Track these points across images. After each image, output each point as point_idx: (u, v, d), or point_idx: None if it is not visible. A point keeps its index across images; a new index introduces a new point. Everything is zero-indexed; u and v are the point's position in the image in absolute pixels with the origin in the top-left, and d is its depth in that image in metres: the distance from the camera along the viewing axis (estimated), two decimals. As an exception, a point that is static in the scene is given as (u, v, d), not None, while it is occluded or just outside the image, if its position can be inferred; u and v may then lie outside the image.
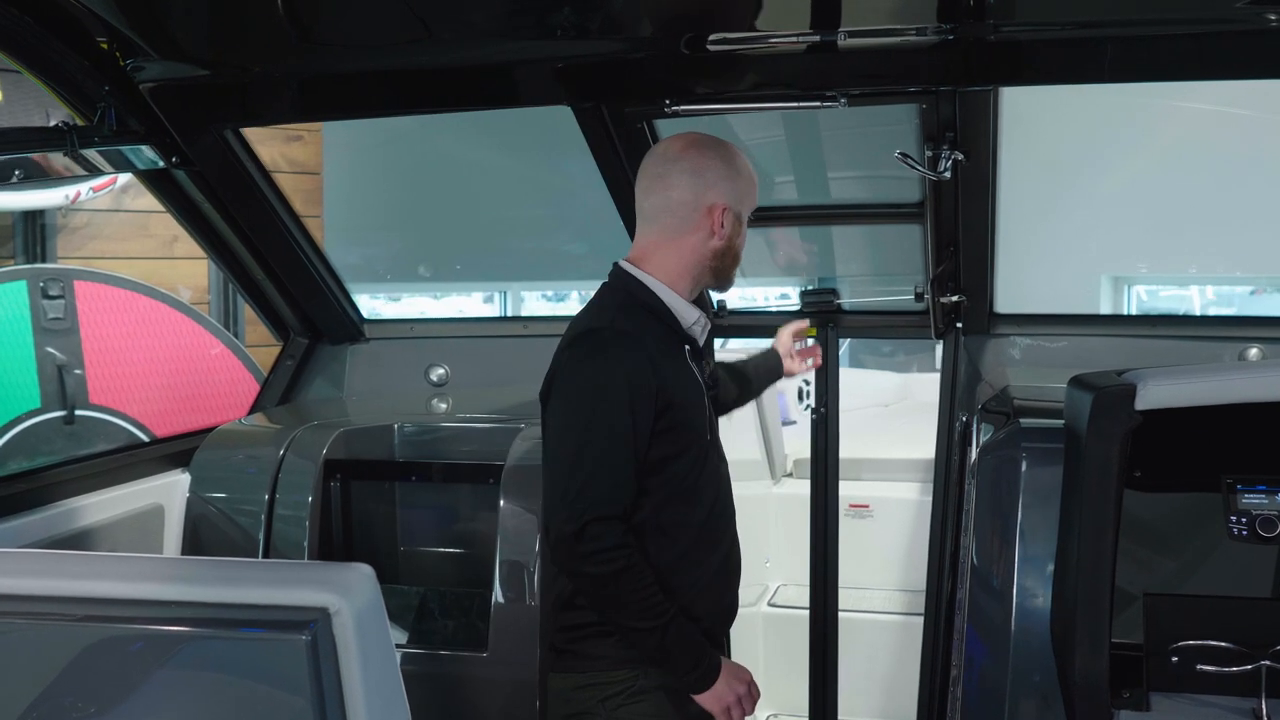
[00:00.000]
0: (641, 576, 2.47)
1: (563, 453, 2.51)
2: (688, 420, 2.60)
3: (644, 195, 2.72)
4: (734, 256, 2.73)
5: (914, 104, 3.25)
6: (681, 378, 2.63)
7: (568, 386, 2.56)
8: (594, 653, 2.60)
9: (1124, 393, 2.28)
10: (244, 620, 1.57)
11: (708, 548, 2.66)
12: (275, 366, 4.26)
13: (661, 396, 2.52)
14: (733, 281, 2.79)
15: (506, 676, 3.22)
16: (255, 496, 3.48)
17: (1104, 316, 4.68)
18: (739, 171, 2.69)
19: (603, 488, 2.45)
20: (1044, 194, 7.19)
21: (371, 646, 1.64)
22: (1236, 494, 2.37)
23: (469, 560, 3.58)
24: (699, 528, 2.64)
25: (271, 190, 3.64)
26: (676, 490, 2.59)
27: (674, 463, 2.57)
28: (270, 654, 1.58)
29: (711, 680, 2.56)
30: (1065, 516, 2.51)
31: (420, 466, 3.63)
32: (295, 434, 3.59)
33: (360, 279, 5.40)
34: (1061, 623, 2.45)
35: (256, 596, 1.58)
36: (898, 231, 3.99)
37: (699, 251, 2.66)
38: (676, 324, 2.67)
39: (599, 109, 3.34)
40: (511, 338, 4.32)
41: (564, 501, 2.46)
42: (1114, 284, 9.10)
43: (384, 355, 4.29)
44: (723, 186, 2.66)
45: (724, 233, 2.66)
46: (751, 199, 2.74)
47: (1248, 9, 2.68)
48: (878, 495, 5.17)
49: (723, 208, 2.65)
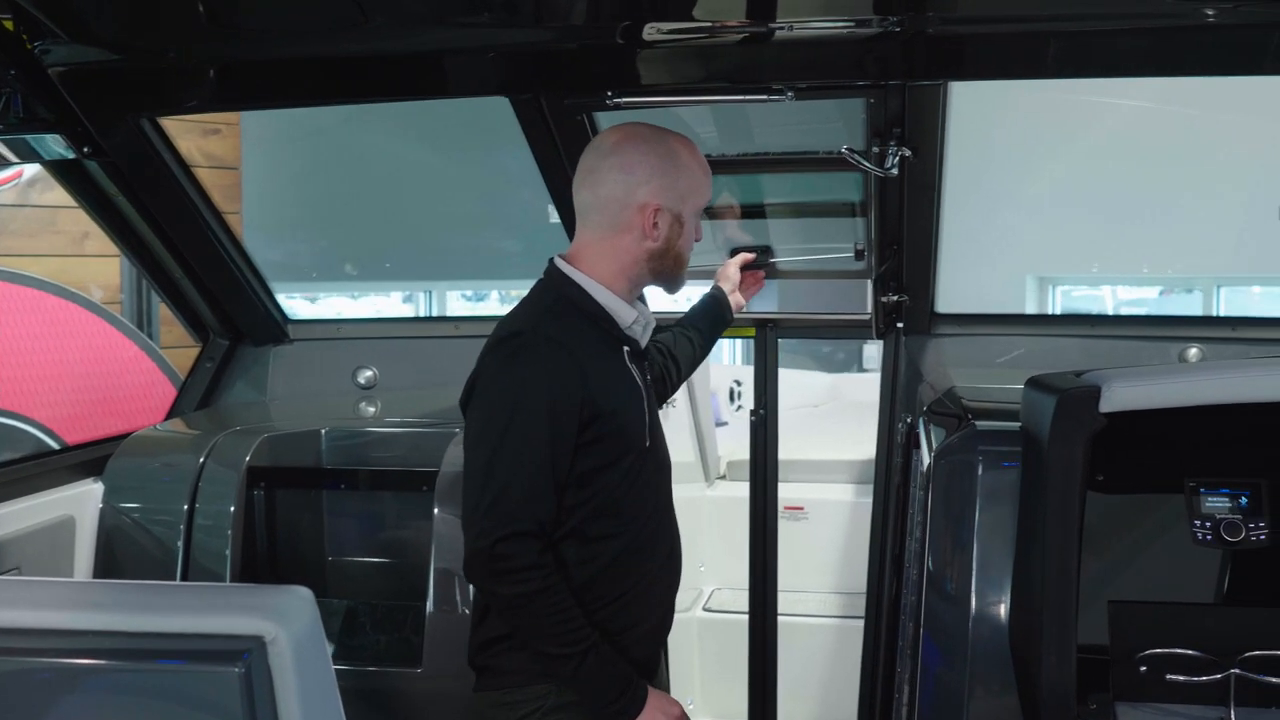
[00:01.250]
0: (558, 599, 2.31)
1: (477, 463, 2.35)
2: (620, 429, 2.45)
3: (577, 190, 2.57)
4: (675, 258, 2.55)
5: (861, 99, 3.20)
6: (615, 383, 2.47)
7: (486, 393, 2.40)
8: (507, 667, 2.45)
9: (1088, 395, 2.21)
10: (170, 651, 1.43)
11: (640, 558, 2.51)
12: (194, 369, 4.07)
13: (588, 407, 2.36)
14: (681, 283, 2.63)
15: (442, 692, 3.08)
16: (174, 506, 3.30)
17: (1044, 317, 4.66)
18: (679, 167, 2.52)
19: (518, 502, 2.29)
20: (972, 192, 7.20)
21: (311, 677, 1.51)
22: (1200, 498, 2.31)
23: (401, 571, 3.44)
24: (630, 539, 2.48)
25: (190, 183, 3.47)
26: (606, 502, 2.44)
27: (604, 475, 2.42)
28: (200, 688, 1.44)
29: (635, 711, 2.40)
30: (1025, 521, 2.44)
31: (349, 474, 3.48)
32: (216, 440, 3.42)
33: (278, 278, 5.22)
34: (1022, 629, 2.38)
35: (184, 624, 1.44)
36: (829, 184, 3.93)
37: (633, 252, 2.51)
38: (613, 325, 2.52)
39: (538, 100, 3.22)
40: (442, 338, 4.18)
41: (476, 514, 2.31)
42: (1039, 284, 9.17)
43: (309, 357, 4.13)
44: (656, 184, 2.49)
45: (658, 234, 2.50)
46: (699, 196, 2.57)
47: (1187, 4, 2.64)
48: (812, 497, 5.13)
49: (655, 207, 2.48)
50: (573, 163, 3.43)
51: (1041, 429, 2.34)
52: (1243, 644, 2.18)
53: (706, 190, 2.59)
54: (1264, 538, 2.24)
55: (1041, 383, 2.52)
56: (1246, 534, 2.24)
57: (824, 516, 5.09)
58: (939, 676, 2.64)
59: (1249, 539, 2.24)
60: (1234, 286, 8.74)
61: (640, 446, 2.51)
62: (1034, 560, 2.30)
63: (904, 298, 3.90)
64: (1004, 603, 2.52)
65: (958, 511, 2.63)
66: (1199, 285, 8.72)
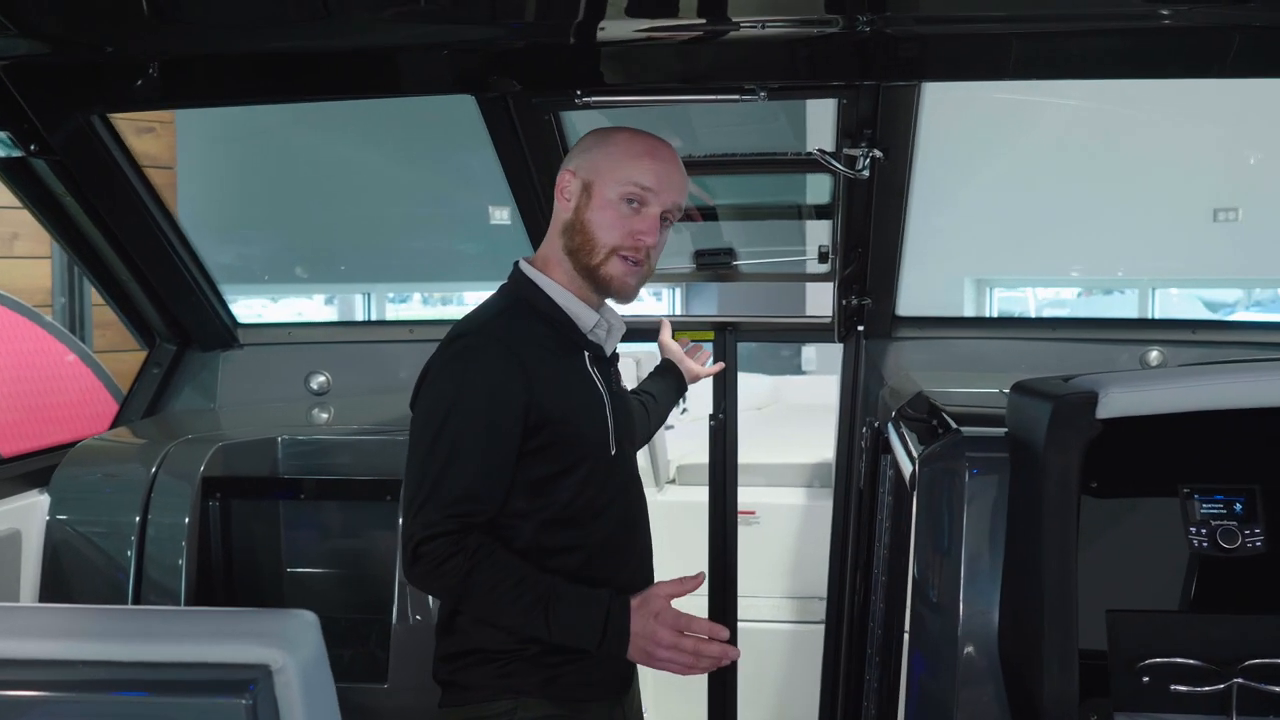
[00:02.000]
0: (493, 571, 2.22)
1: (412, 463, 2.31)
2: (574, 436, 2.36)
3: None
4: (586, 234, 2.39)
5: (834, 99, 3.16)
6: (570, 389, 2.38)
7: (427, 393, 2.34)
8: (471, 683, 2.39)
9: (1085, 401, 2.18)
10: (171, 682, 1.34)
11: (607, 572, 2.40)
12: (140, 375, 3.92)
13: (535, 411, 2.28)
14: (606, 275, 2.41)
15: (409, 708, 2.99)
16: (124, 519, 3.17)
17: (1005, 320, 4.67)
18: (605, 143, 2.43)
19: (439, 504, 2.23)
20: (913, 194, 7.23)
21: (318, 707, 1.42)
22: (1194, 504, 2.29)
23: (365, 583, 3.33)
24: (593, 552, 2.40)
25: (141, 183, 3.33)
26: (563, 514, 2.36)
27: (558, 483, 2.35)
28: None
29: (624, 641, 2.27)
30: (1017, 528, 2.40)
31: (309, 483, 3.36)
32: (168, 449, 3.29)
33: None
34: (1017, 637, 2.34)
35: (185, 653, 1.35)
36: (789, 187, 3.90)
37: (554, 232, 2.44)
38: (572, 329, 2.43)
39: (504, 100, 3.14)
40: (396, 343, 4.08)
41: (407, 516, 2.28)
42: (978, 286, 9.24)
43: (259, 362, 4.01)
44: (580, 158, 2.42)
45: (569, 203, 2.40)
46: (621, 172, 2.38)
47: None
48: (763, 501, 5.10)
49: (569, 173, 2.42)
50: (538, 162, 3.38)
51: (1034, 435, 2.30)
52: (1243, 652, 2.16)
53: (633, 171, 2.39)
54: (1260, 544, 2.23)
55: (1031, 388, 2.48)
56: (1243, 540, 2.22)
57: (776, 521, 5.06)
58: (924, 684, 2.59)
59: (1245, 545, 2.23)
60: (1168, 289, 8.86)
61: (603, 455, 2.42)
62: (1029, 568, 2.26)
63: (867, 301, 3.87)
64: (993, 610, 2.49)
65: (944, 518, 2.59)
66: (1136, 286, 8.83)
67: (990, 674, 2.48)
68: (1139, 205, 7.89)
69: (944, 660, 2.53)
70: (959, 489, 2.56)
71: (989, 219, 8.34)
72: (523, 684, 2.36)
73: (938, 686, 2.57)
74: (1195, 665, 2.16)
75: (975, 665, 2.50)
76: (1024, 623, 2.29)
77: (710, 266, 3.93)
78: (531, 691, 2.36)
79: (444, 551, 2.22)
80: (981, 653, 2.50)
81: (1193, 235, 8.18)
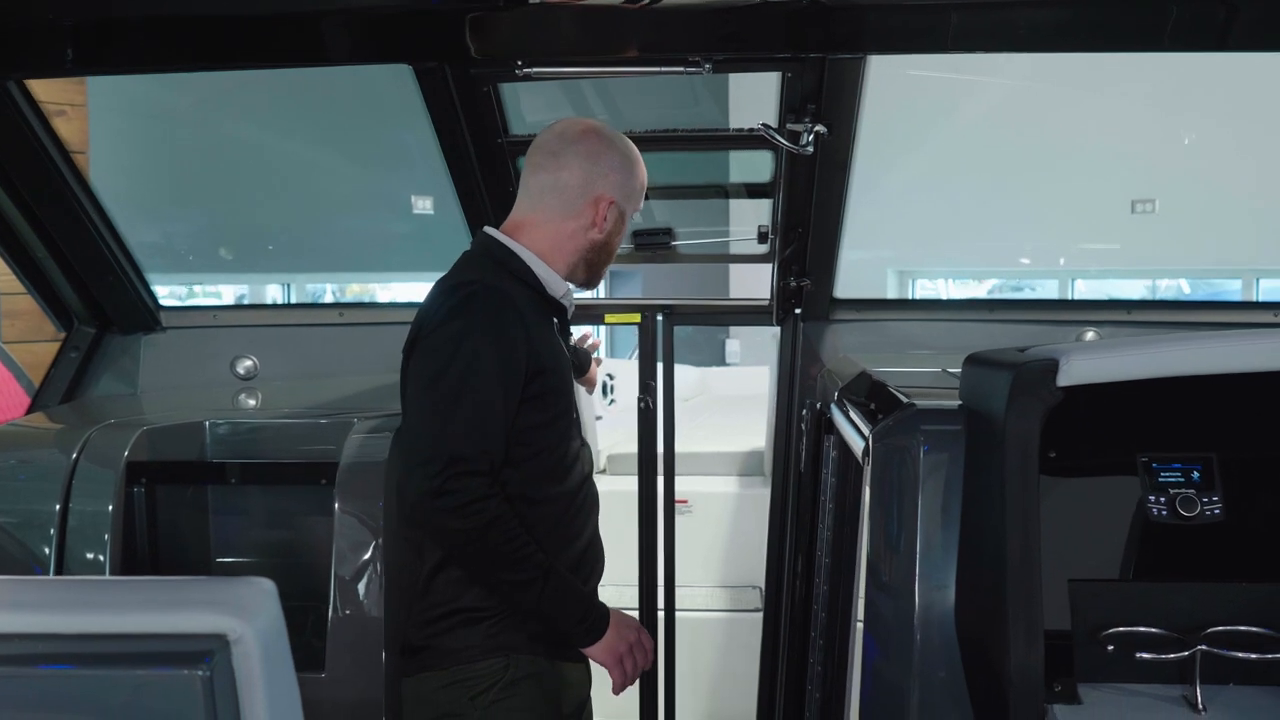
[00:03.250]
0: (511, 527, 2.34)
1: (427, 406, 2.37)
2: (559, 385, 2.52)
3: (532, 171, 2.59)
4: (608, 253, 2.65)
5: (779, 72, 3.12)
6: (551, 346, 2.52)
7: (435, 338, 2.41)
8: (457, 645, 2.44)
9: (1045, 368, 2.15)
10: (122, 655, 1.24)
11: (576, 525, 2.57)
12: (57, 360, 3.75)
13: (533, 360, 2.42)
14: (600, 279, 2.73)
15: (348, 698, 2.88)
16: (44, 508, 3.02)
17: (942, 302, 4.66)
18: (634, 172, 2.63)
19: (469, 441, 2.31)
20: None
21: (275, 680, 1.34)
22: (1153, 473, 2.27)
23: (300, 571, 3.21)
24: (567, 503, 2.54)
25: (60, 155, 3.19)
26: (546, 463, 2.49)
27: (543, 433, 2.47)
28: (157, 695, 1.24)
29: (601, 630, 2.47)
30: (974, 502, 2.37)
31: (241, 467, 3.23)
32: (89, 435, 3.15)
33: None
34: (978, 614, 2.30)
35: (136, 624, 1.25)
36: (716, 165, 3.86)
37: (577, 239, 2.58)
38: (545, 292, 2.56)
39: (442, 70, 3.05)
40: (326, 326, 3.96)
41: (424, 456, 2.32)
42: (900, 277, 9.29)
43: (182, 346, 3.86)
44: (615, 179, 2.58)
45: (605, 226, 2.59)
46: (638, 202, 2.68)
47: None
48: (695, 490, 5.05)
49: (609, 201, 2.57)
50: (475, 136, 3.29)
51: (993, 405, 2.27)
52: (1205, 620, 2.15)
53: (641, 199, 2.69)
54: (1219, 512, 2.22)
55: (988, 359, 2.46)
56: (1201, 508, 2.21)
57: (708, 509, 5.03)
58: (878, 669, 2.55)
59: (1204, 513, 2.21)
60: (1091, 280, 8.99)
61: (569, 412, 2.57)
62: (990, 540, 2.23)
63: (806, 282, 3.84)
64: (949, 587, 2.45)
65: (897, 493, 2.55)
66: (1056, 277, 8.94)
67: (945, 650, 2.44)
68: (1059, 196, 7.97)
69: (898, 640, 2.49)
70: (913, 462, 2.52)
71: (912, 209, 8.38)
72: (512, 640, 2.44)
73: (890, 666, 2.53)
74: (1158, 634, 2.14)
75: (932, 643, 2.46)
76: (985, 597, 2.26)
77: (649, 247, 3.87)
78: (521, 648, 2.44)
79: (480, 491, 2.29)
80: (937, 630, 2.47)
81: (1111, 226, 8.29)
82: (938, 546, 2.47)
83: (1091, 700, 2.14)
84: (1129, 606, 2.20)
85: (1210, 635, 2.13)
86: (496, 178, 3.40)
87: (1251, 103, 7.04)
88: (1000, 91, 7.60)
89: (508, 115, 3.25)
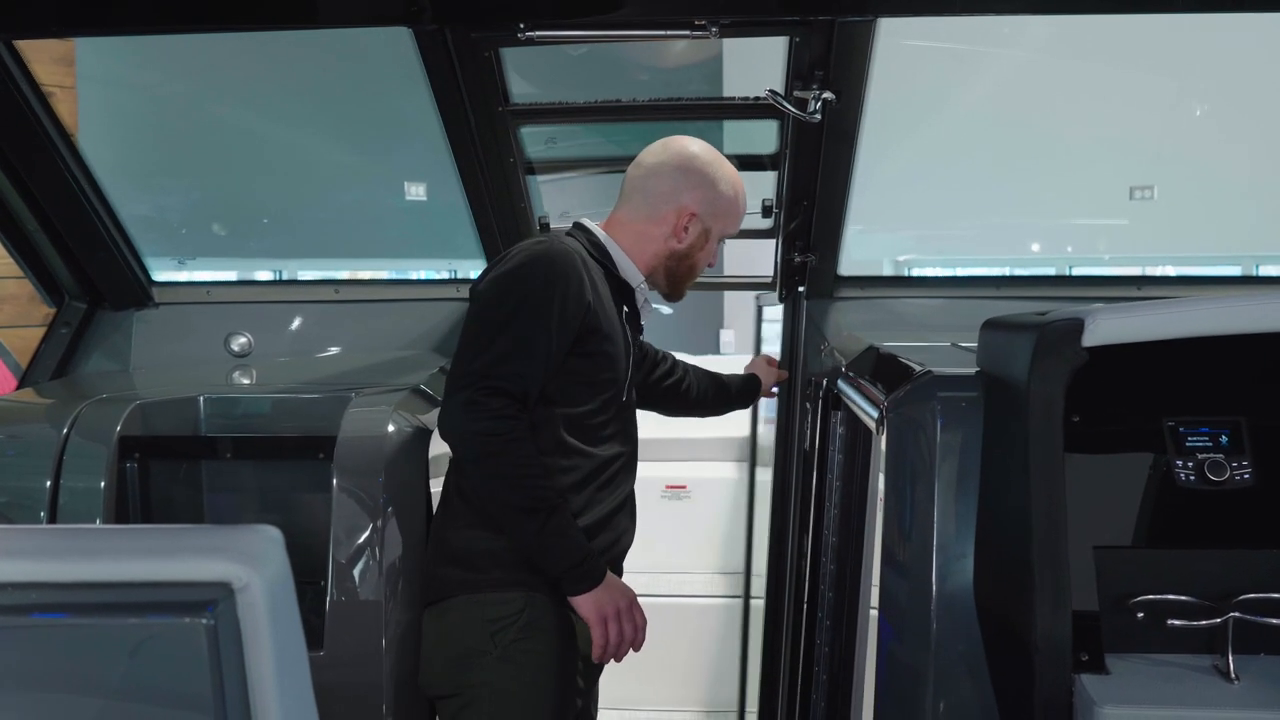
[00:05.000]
0: (528, 455, 2.43)
1: (478, 332, 2.49)
2: (613, 355, 2.61)
3: (632, 170, 2.78)
4: (690, 267, 2.80)
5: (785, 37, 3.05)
6: (611, 319, 2.63)
7: (502, 276, 2.54)
8: (481, 566, 2.53)
9: (1071, 328, 2.09)
10: (122, 604, 1.17)
11: (606, 488, 2.64)
12: (47, 336, 3.67)
13: (590, 316, 2.53)
14: (682, 294, 2.86)
15: (346, 678, 2.80)
16: (35, 485, 2.94)
17: (948, 279, 4.57)
18: (723, 193, 2.76)
19: (504, 363, 2.43)
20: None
21: (282, 630, 1.27)
22: (1180, 437, 2.21)
23: (297, 548, 3.05)
24: (601, 464, 2.62)
25: (52, 122, 3.10)
26: (583, 419, 2.58)
27: (583, 393, 2.57)
28: (159, 644, 1.18)
29: (592, 582, 2.50)
30: (996, 470, 2.31)
31: (236, 442, 3.14)
32: (81, 409, 3.06)
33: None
34: (999, 587, 2.24)
35: (140, 571, 1.18)
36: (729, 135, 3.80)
37: (657, 244, 2.74)
38: (620, 282, 2.71)
39: (442, 34, 2.97)
40: (322, 303, 3.89)
41: (464, 372, 2.45)
42: (895, 268, 9.21)
43: (176, 322, 3.79)
44: (699, 194, 2.73)
45: (686, 238, 2.74)
46: (728, 222, 2.81)
47: None
48: (694, 476, 5.01)
49: (691, 213, 2.72)
50: (475, 104, 3.21)
51: (1014, 369, 2.21)
52: (1236, 587, 2.09)
53: (738, 222, 2.85)
54: (1249, 477, 2.16)
55: (1007, 322, 2.40)
56: (1231, 473, 2.15)
57: (707, 495, 4.98)
58: (892, 651, 2.47)
59: (1233, 478, 2.15)
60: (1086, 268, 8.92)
61: (620, 390, 2.66)
62: (1013, 507, 2.17)
63: (811, 258, 3.77)
64: (968, 557, 2.39)
65: (914, 462, 2.48)
66: (1054, 265, 8.86)
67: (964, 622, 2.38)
68: (1058, 183, 7.91)
69: (915, 613, 2.43)
70: (930, 431, 2.46)
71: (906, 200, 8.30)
72: (532, 580, 2.52)
73: (907, 640, 2.47)
74: (1189, 601, 2.08)
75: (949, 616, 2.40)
76: (1007, 566, 2.20)
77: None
78: (539, 588, 2.52)
79: (507, 409, 2.41)
80: (956, 602, 2.41)
81: (1110, 213, 8.23)
82: (956, 517, 2.41)
83: (1120, 670, 2.08)
84: (1157, 574, 2.14)
85: (1242, 603, 2.07)
86: (497, 148, 3.32)
87: (1251, 89, 6.99)
88: (1002, 74, 7.54)
89: (509, 81, 3.18)
